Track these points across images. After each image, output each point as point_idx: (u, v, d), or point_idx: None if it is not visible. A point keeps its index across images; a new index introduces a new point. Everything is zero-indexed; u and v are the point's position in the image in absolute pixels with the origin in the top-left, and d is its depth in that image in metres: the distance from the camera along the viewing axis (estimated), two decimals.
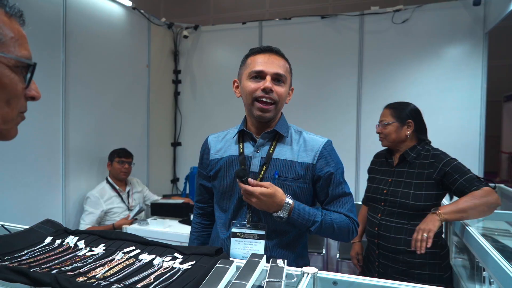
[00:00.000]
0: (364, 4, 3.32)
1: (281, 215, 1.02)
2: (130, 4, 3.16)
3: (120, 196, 2.70)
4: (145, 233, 2.25)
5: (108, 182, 2.73)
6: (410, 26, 3.16)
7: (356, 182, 3.37)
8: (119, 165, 2.72)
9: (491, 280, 1.10)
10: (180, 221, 2.47)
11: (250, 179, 1.04)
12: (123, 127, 3.18)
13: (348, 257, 2.92)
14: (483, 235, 1.57)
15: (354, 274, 3.37)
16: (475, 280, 1.36)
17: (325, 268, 3.19)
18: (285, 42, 3.57)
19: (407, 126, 1.80)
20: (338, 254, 2.97)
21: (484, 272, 1.18)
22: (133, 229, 2.27)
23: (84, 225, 2.54)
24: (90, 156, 2.81)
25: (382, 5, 3.26)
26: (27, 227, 1.09)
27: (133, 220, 2.55)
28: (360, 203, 3.30)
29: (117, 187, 2.72)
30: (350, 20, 3.35)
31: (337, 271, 3.04)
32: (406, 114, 1.83)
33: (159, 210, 2.63)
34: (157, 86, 3.68)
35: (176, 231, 2.22)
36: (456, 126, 3.05)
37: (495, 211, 2.27)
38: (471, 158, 3.01)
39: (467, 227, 1.35)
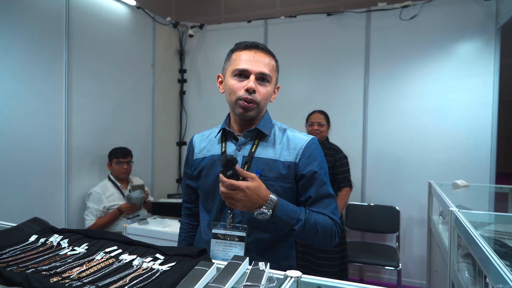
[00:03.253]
0: (374, 1, 3.25)
1: (265, 210, 0.97)
2: (134, 3, 3.17)
3: (122, 193, 2.71)
4: (145, 232, 2.24)
5: (110, 179, 2.75)
6: (418, 22, 3.08)
7: (363, 182, 3.30)
8: (117, 166, 2.74)
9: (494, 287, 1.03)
10: (180, 221, 2.46)
11: (237, 167, 0.98)
12: (127, 126, 3.19)
13: (353, 259, 2.87)
14: (493, 239, 1.50)
15: (360, 277, 3.30)
16: (477, 286, 1.29)
17: None
18: (290, 40, 3.53)
19: (329, 127, 2.74)
20: None
21: (487, 279, 1.11)
22: (133, 228, 2.26)
23: (89, 221, 2.57)
24: (93, 155, 2.83)
25: (390, 1, 3.18)
26: (14, 224, 1.09)
27: (133, 206, 2.62)
28: (366, 204, 3.26)
29: (119, 184, 2.74)
30: (357, 17, 3.28)
31: None
32: (329, 119, 2.74)
33: (159, 209, 2.62)
34: (162, 85, 3.68)
35: (175, 230, 2.21)
36: (466, 126, 2.96)
37: (507, 214, 2.19)
38: (483, 159, 2.91)
39: (470, 230, 1.29)
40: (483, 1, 2.85)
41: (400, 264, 2.76)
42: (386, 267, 2.82)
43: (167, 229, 2.24)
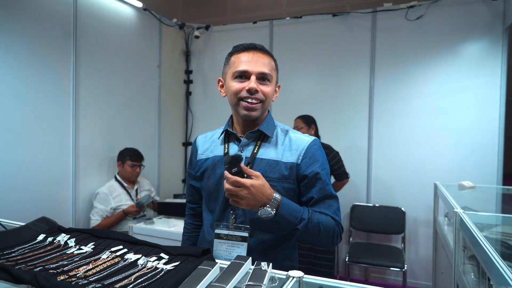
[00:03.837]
0: (380, 1, 3.24)
1: (269, 209, 0.97)
2: (140, 5, 3.20)
3: (128, 193, 2.74)
4: (151, 232, 2.27)
5: (116, 180, 2.77)
6: (424, 22, 3.06)
7: (368, 183, 3.29)
8: (130, 168, 2.75)
9: None
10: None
11: (242, 164, 0.98)
12: (134, 127, 3.22)
13: (358, 260, 2.86)
14: (500, 241, 1.49)
15: (365, 277, 3.31)
16: None
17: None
18: (296, 41, 3.54)
19: (311, 128, 2.86)
20: (347, 257, 2.90)
21: (491, 281, 1.11)
22: (139, 227, 2.29)
23: (94, 221, 2.59)
24: (101, 155, 2.86)
25: (396, 2, 3.17)
26: (22, 224, 1.11)
27: (140, 210, 2.61)
28: (371, 204, 3.25)
29: (126, 185, 2.76)
30: (363, 17, 3.27)
31: (347, 274, 2.97)
32: (310, 121, 2.88)
33: (165, 209, 2.65)
34: (168, 86, 3.71)
35: (181, 230, 2.22)
36: (473, 127, 2.94)
37: None
38: (490, 160, 2.88)
39: (474, 232, 1.28)
40: (490, 1, 2.83)
41: (405, 265, 2.74)
42: (392, 268, 2.81)
43: (173, 229, 2.26)
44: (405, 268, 2.73)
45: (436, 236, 2.69)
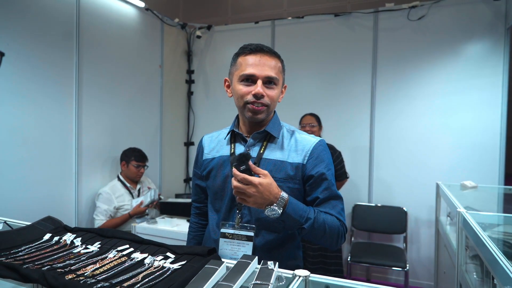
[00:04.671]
0: (381, 1, 3.24)
1: (276, 208, 0.96)
2: (143, 5, 3.20)
3: (131, 193, 2.74)
4: (153, 231, 2.27)
5: (119, 179, 2.77)
6: (426, 22, 3.06)
7: (370, 183, 3.29)
8: (135, 169, 2.75)
9: None
10: (188, 220, 2.48)
11: (250, 162, 0.97)
12: (136, 127, 3.23)
13: (360, 260, 2.87)
14: (502, 240, 1.49)
15: (367, 277, 3.31)
16: None
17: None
18: (298, 41, 3.54)
19: (321, 128, 2.91)
20: (349, 257, 2.91)
21: (495, 280, 1.11)
22: (142, 227, 2.30)
23: (99, 221, 2.59)
24: (103, 155, 2.87)
25: (398, 2, 3.17)
26: (29, 223, 1.12)
27: (146, 208, 2.59)
28: (373, 204, 3.25)
29: (128, 185, 2.76)
30: (364, 17, 3.28)
31: (349, 273, 2.98)
32: (320, 121, 2.90)
33: (168, 209, 2.65)
34: (170, 86, 3.71)
35: (183, 229, 2.23)
36: (475, 127, 2.94)
37: None
38: (491, 160, 2.89)
39: (478, 231, 1.29)
40: (492, 1, 2.83)
41: (407, 265, 2.75)
42: (393, 268, 2.82)
43: (176, 228, 2.27)
44: (407, 267, 2.73)
45: (438, 235, 2.70)
